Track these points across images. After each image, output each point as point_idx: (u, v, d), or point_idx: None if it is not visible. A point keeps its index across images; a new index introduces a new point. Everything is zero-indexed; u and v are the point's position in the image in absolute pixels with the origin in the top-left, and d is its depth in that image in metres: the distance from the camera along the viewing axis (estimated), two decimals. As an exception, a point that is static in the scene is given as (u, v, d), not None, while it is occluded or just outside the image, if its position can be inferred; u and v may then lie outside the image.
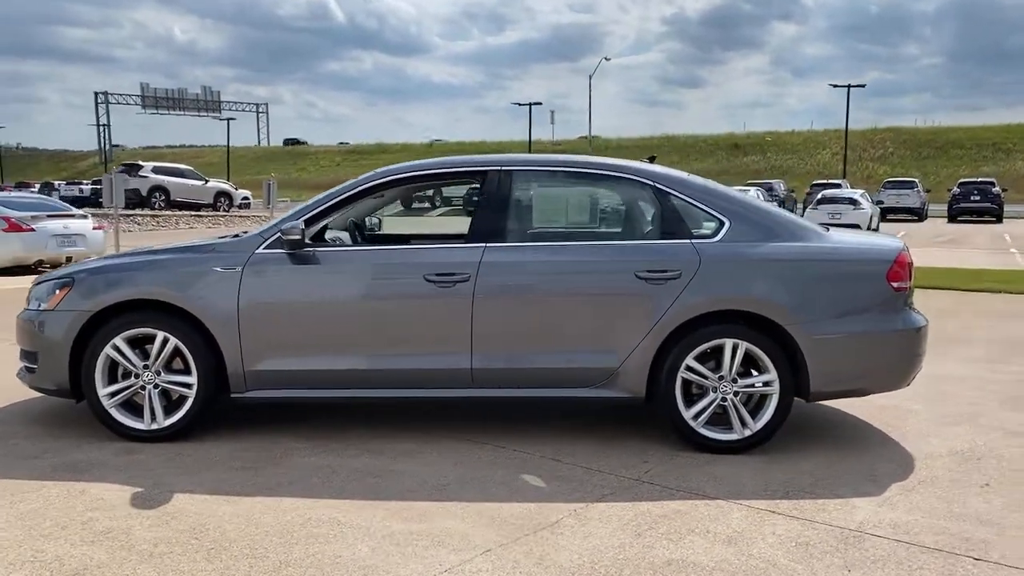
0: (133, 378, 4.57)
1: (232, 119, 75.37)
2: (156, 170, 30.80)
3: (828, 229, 5.00)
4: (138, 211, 27.91)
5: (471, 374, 4.52)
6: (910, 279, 4.66)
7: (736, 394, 4.51)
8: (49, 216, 13.88)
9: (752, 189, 26.26)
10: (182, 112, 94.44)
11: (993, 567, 3.24)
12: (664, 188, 4.68)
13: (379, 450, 4.50)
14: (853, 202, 24.30)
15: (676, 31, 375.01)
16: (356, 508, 3.70)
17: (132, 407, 4.61)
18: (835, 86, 46.19)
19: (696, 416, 4.50)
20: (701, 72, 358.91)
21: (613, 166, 4.85)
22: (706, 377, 4.49)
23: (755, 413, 4.52)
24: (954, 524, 3.64)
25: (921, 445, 4.75)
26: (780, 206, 30.73)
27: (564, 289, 4.55)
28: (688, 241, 4.59)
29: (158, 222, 27.11)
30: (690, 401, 4.54)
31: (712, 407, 4.52)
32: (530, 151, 46.82)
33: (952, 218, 34.11)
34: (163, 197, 29.72)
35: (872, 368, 4.61)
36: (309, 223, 4.62)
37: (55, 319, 4.58)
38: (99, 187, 30.94)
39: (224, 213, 30.27)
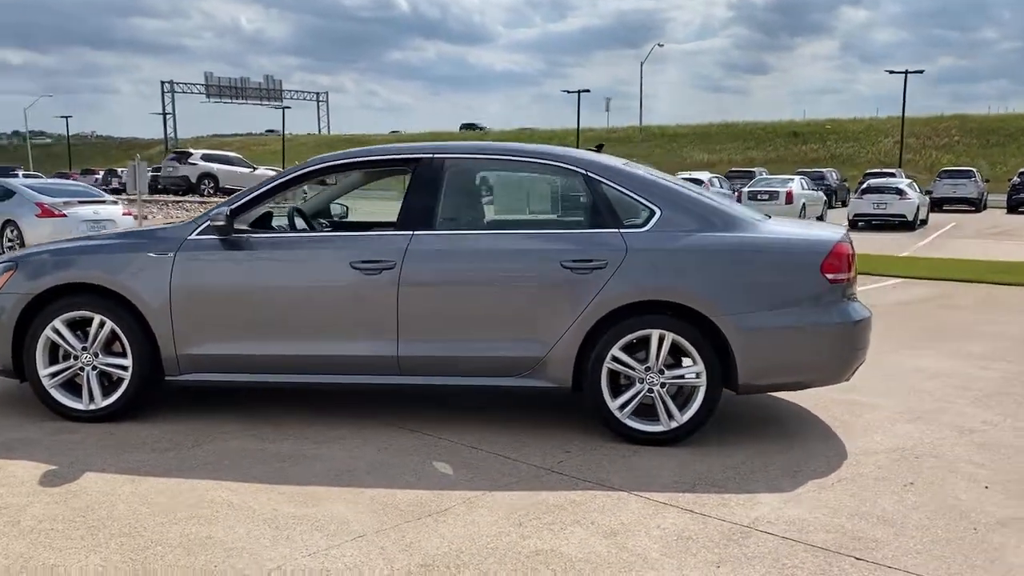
0: (72, 359, 4.70)
1: (287, 107, 76.55)
2: (205, 157, 31.45)
3: (769, 218, 4.89)
4: (187, 197, 28.55)
5: (398, 362, 4.54)
6: (849, 271, 4.53)
7: (663, 386, 4.45)
8: (81, 202, 14.34)
9: (796, 178, 25.70)
10: (244, 101, 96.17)
11: (871, 567, 3.15)
12: (595, 176, 4.63)
13: (308, 436, 4.56)
14: (899, 192, 23.57)
15: (742, 16, 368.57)
16: (254, 491, 3.75)
17: (74, 388, 4.74)
18: (892, 72, 44.88)
19: (622, 407, 4.46)
20: (767, 58, 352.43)
21: (544, 153, 4.80)
22: (633, 368, 4.44)
23: (684, 405, 4.46)
24: (853, 523, 3.54)
25: (863, 441, 4.63)
26: (831, 196, 30.13)
27: (489, 278, 4.53)
28: (616, 231, 4.53)
29: (206, 208, 27.68)
30: (618, 392, 4.49)
31: (638, 398, 4.46)
32: (578, 140, 46.58)
33: (1012, 209, 32.85)
34: (212, 184, 30.32)
35: (805, 362, 4.50)
36: (239, 210, 4.69)
37: (8, 309, 4.72)
38: (159, 173, 31.72)
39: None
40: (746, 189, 24.35)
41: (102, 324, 4.64)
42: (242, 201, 4.72)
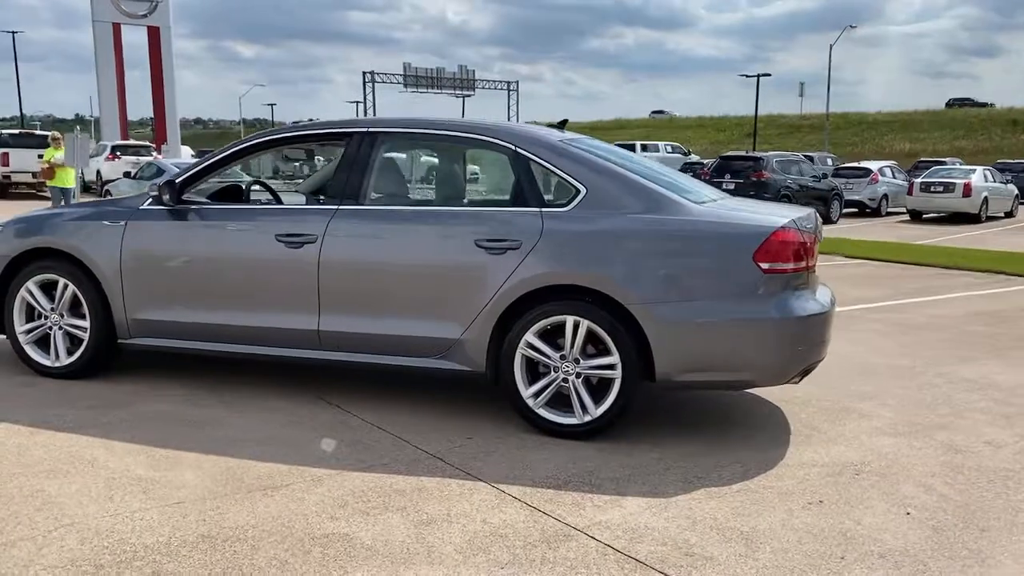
0: (43, 319, 5.03)
1: (467, 95, 77.83)
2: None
3: (726, 199, 4.46)
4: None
5: (319, 336, 4.53)
6: (796, 260, 4.05)
7: (578, 376, 4.17)
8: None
9: (979, 169, 23.31)
10: (439, 91, 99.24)
11: (668, 587, 2.81)
12: (525, 152, 4.39)
13: (236, 404, 4.64)
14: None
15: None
16: (128, 452, 3.86)
17: (45, 345, 5.07)
18: None
19: (536, 396, 4.22)
20: (1000, 40, 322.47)
21: (475, 127, 4.59)
22: (547, 356, 4.19)
23: (602, 398, 4.16)
24: (703, 537, 3.17)
25: (813, 453, 4.15)
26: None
27: (405, 255, 4.41)
28: (536, 210, 4.28)
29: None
30: (536, 380, 4.26)
31: (552, 387, 4.21)
32: (755, 126, 44.62)
33: None
34: None
35: (734, 358, 4.06)
36: (187, 182, 4.82)
37: None
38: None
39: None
40: (918, 180, 22.43)
41: (65, 287, 4.93)
42: (189, 174, 4.85)
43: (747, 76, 44.69)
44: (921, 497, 3.64)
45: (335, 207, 4.53)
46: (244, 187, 5.28)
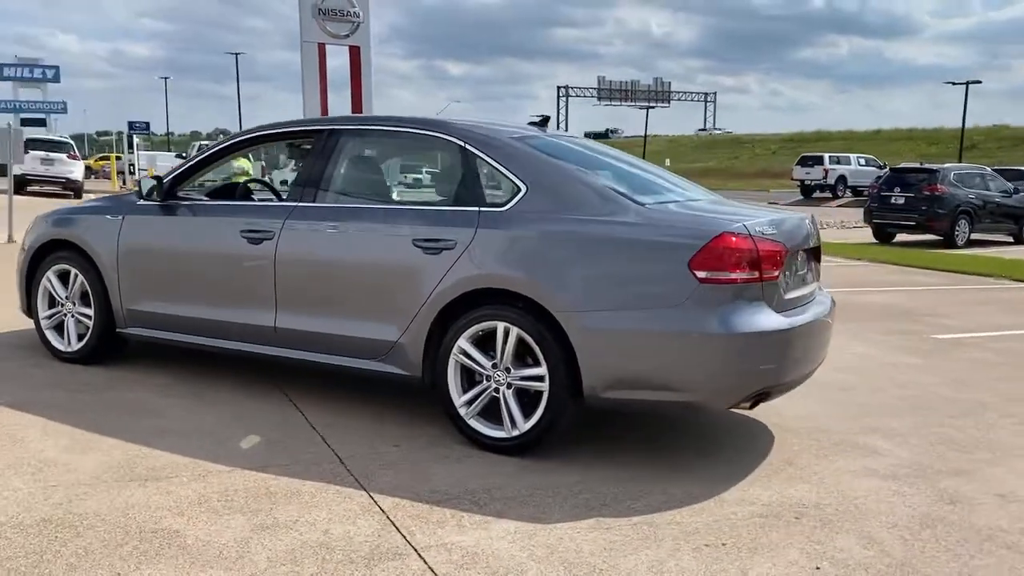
0: (59, 306, 5.35)
1: (650, 107, 76.74)
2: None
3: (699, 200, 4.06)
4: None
5: (275, 332, 4.52)
6: (740, 269, 3.60)
7: (509, 386, 3.91)
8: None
9: None
10: (633, 103, 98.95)
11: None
12: (471, 148, 4.17)
13: (202, 395, 4.70)
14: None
15: None
16: (56, 434, 3.97)
17: (62, 331, 5.38)
18: None
19: (468, 405, 4.00)
20: None
21: (428, 123, 4.41)
22: (479, 363, 3.96)
23: (532, 411, 3.88)
24: (541, 570, 2.85)
25: (760, 490, 3.68)
26: None
27: (350, 254, 4.31)
28: (475, 209, 4.06)
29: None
30: (472, 388, 4.03)
31: (484, 397, 3.97)
32: (961, 137, 40.94)
33: None
34: None
35: (667, 376, 3.65)
36: (177, 179, 4.96)
37: (21, 255, 5.54)
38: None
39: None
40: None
41: (76, 277, 5.22)
42: (177, 172, 4.99)
43: (954, 84, 41.17)
44: (853, 551, 3.11)
45: (294, 204, 4.52)
46: (242, 185, 5.38)
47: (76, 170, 25.72)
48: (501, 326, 3.87)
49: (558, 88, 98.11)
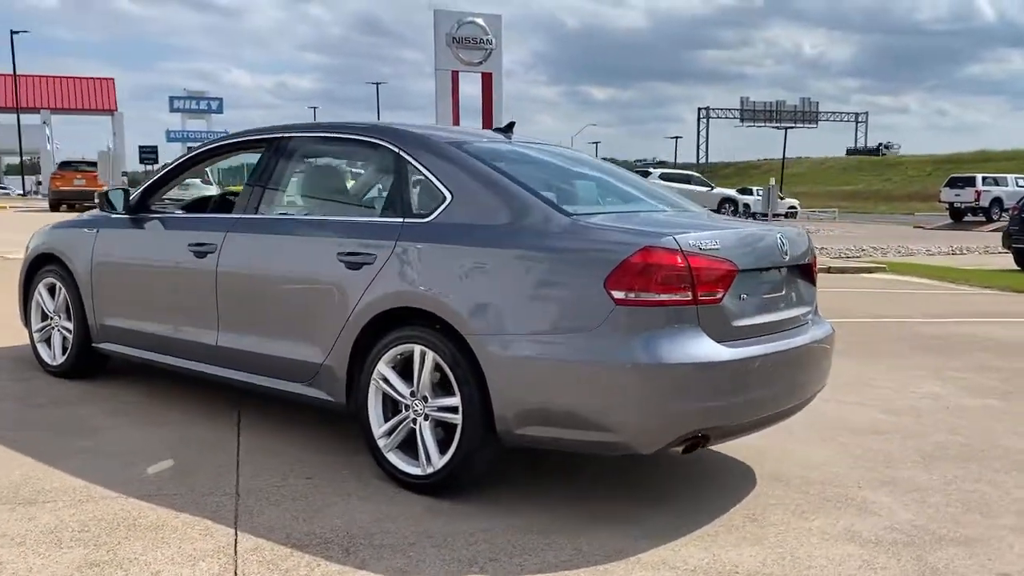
0: (48, 320, 5.33)
1: (788, 127, 73.73)
2: (663, 176, 32.20)
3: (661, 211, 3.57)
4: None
5: (217, 351, 4.29)
6: (668, 290, 3.07)
7: (427, 417, 3.50)
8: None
9: None
10: (778, 124, 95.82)
11: None
12: (404, 154, 3.80)
13: (154, 415, 4.52)
14: None
15: None
16: (-24, 450, 3.89)
17: (50, 344, 5.36)
18: None
19: (388, 435, 3.62)
20: None
21: (365, 128, 4.05)
22: (399, 391, 3.58)
23: (447, 446, 3.46)
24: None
25: (693, 550, 3.12)
26: None
27: (280, 267, 4.03)
28: (399, 220, 3.69)
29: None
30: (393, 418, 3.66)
31: (402, 428, 3.58)
32: None
33: None
34: None
35: (582, 412, 3.14)
36: (146, 192, 4.83)
37: (21, 268, 5.57)
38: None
39: (726, 218, 30.33)
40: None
41: (59, 290, 5.19)
42: (147, 185, 4.86)
43: None
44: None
45: (237, 216, 4.30)
46: (216, 197, 5.21)
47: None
48: (418, 350, 3.48)
49: (699, 110, 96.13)
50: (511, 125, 4.30)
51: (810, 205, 50.47)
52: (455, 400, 3.38)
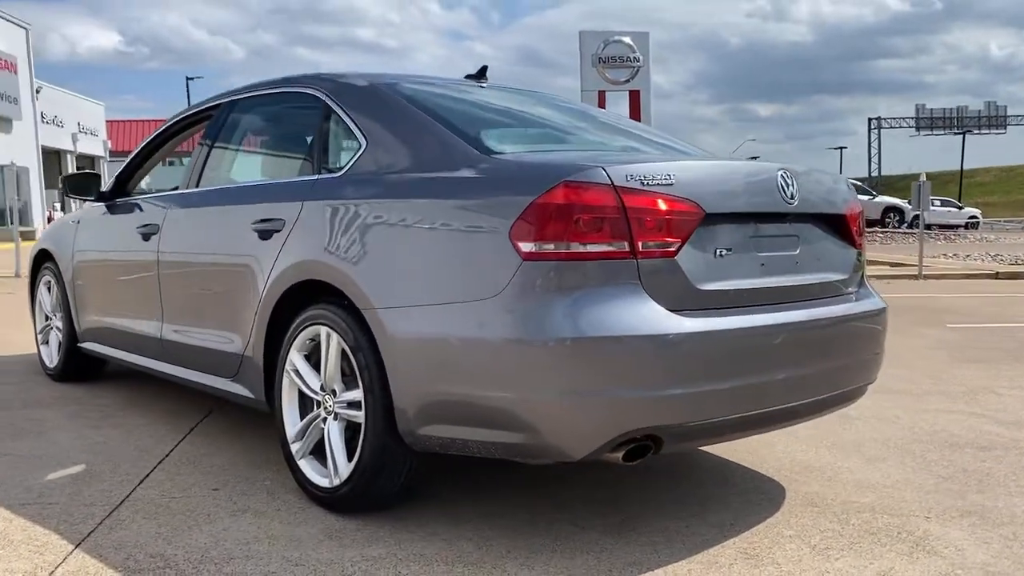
0: (48, 320, 5.04)
1: (970, 133, 67.72)
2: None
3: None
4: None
5: (162, 345, 3.80)
6: (590, 239, 2.27)
7: (336, 416, 2.83)
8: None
9: None
10: (959, 131, 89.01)
11: None
12: (330, 101, 3.14)
13: (111, 417, 4.08)
14: None
15: None
16: None
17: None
18: None
19: (301, 438, 2.97)
20: None
21: (294, 79, 3.40)
22: (309, 384, 2.93)
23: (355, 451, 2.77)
24: None
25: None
26: None
27: (204, 246, 3.48)
28: (313, 177, 3.06)
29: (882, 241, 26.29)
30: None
31: (312, 430, 2.92)
32: None
33: None
34: (897, 217, 28.76)
35: (486, 405, 2.37)
36: (121, 179, 4.43)
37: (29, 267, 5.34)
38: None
39: (890, 229, 27.85)
40: None
41: (54, 288, 4.88)
42: (121, 170, 4.46)
43: None
44: None
45: (176, 192, 3.81)
46: None
47: None
48: (324, 332, 2.82)
49: (869, 120, 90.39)
50: (483, 70, 3.58)
51: (996, 215, 46.20)
52: (356, 393, 2.68)
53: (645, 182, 2.30)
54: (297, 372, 2.95)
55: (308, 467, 2.91)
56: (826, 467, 3.38)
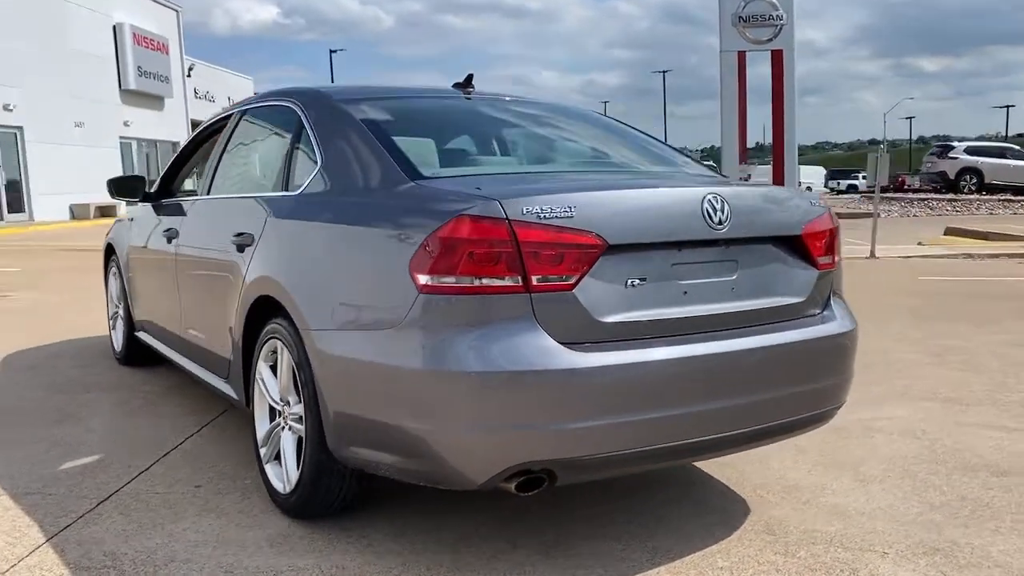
0: (118, 308, 5.43)
1: None
2: (969, 151, 27.91)
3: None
4: (935, 196, 26.02)
5: (183, 342, 4.05)
6: (484, 272, 2.27)
7: (289, 427, 2.98)
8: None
9: None
10: None
11: None
12: (303, 117, 3.25)
13: (153, 406, 4.39)
14: None
15: None
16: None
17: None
18: None
19: (265, 444, 3.14)
20: None
21: (278, 93, 3.51)
22: (270, 394, 3.09)
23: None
24: None
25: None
26: None
27: (203, 252, 3.70)
28: (281, 194, 3.18)
29: (954, 207, 24.79)
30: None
31: (273, 438, 3.09)
32: None
33: None
34: (974, 180, 26.87)
35: (390, 431, 2.43)
36: (166, 179, 4.71)
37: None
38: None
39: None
40: None
41: (117, 278, 5.27)
42: (166, 170, 4.74)
43: None
44: None
45: (191, 199, 4.06)
46: None
47: None
48: (279, 346, 2.96)
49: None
50: (470, 78, 3.59)
51: None
52: (300, 406, 2.81)
53: (542, 215, 2.28)
54: (263, 381, 3.10)
55: (272, 472, 3.07)
56: (809, 488, 3.26)
